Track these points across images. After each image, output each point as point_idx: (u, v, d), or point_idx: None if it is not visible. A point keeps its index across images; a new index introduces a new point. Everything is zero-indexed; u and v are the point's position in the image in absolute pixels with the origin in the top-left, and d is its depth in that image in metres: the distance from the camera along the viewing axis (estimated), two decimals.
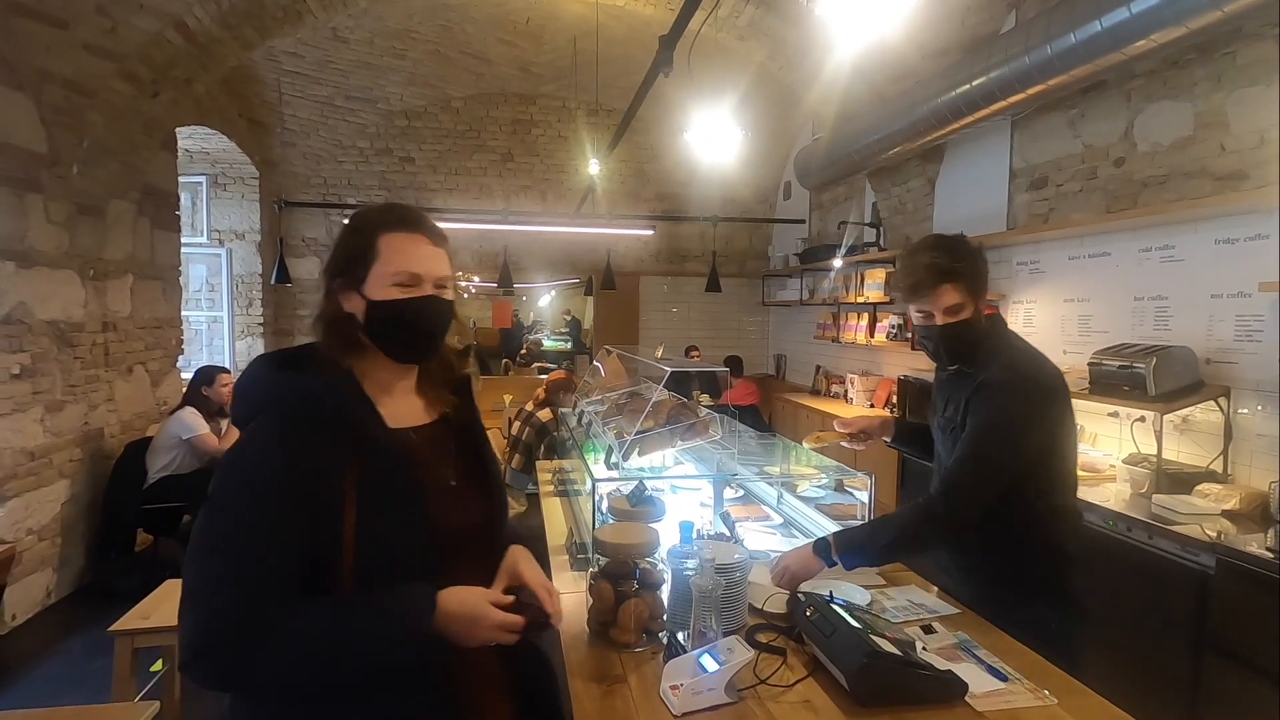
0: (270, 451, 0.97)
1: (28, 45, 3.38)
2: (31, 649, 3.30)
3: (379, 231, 1.08)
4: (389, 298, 1.06)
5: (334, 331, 1.08)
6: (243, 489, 0.95)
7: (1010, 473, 1.54)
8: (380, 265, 1.07)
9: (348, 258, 1.09)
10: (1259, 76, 2.82)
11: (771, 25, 4.69)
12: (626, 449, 2.24)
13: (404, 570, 1.00)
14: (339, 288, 1.08)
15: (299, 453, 0.97)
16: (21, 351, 3.52)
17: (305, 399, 1.01)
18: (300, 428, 0.98)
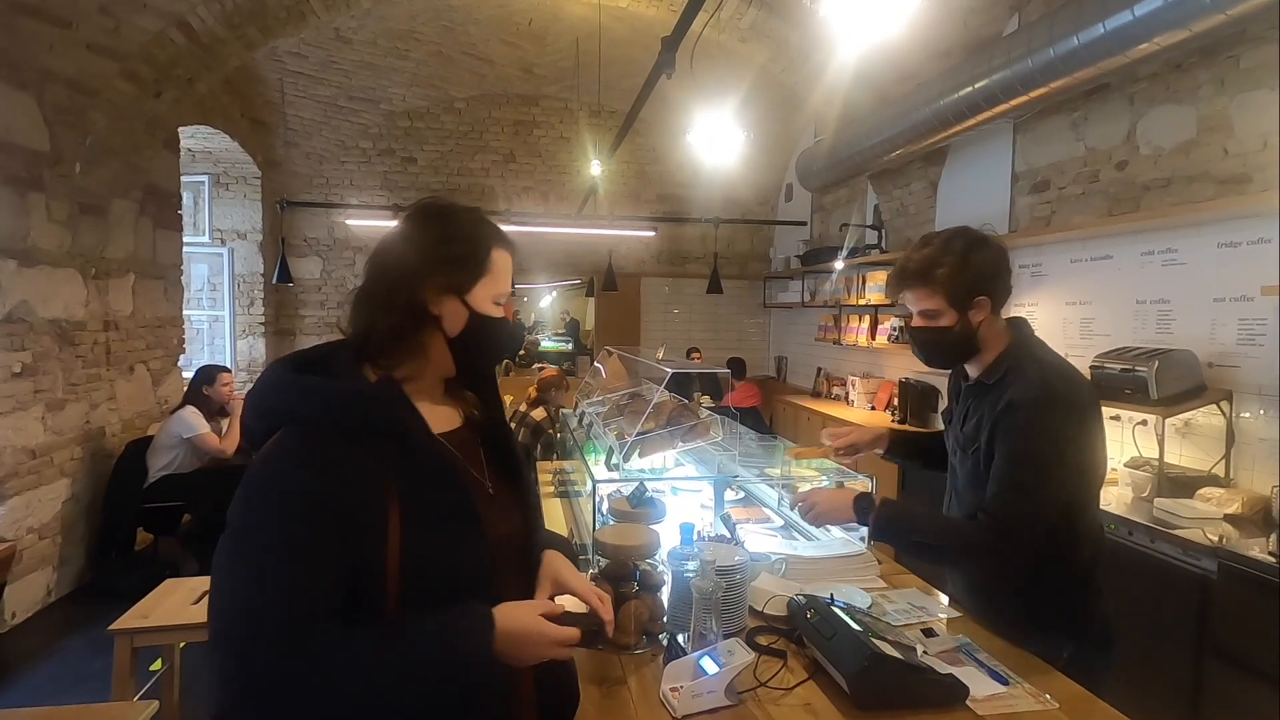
0: (304, 466, 0.87)
1: (31, 44, 3.38)
2: (31, 648, 3.30)
3: (492, 245, 1.03)
4: (490, 313, 1.02)
5: (405, 331, 0.98)
6: (275, 510, 0.85)
7: (1058, 500, 1.42)
8: (489, 279, 1.02)
9: (459, 260, 1.00)
10: (1262, 80, 2.82)
11: (774, 27, 4.69)
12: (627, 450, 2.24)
13: (455, 589, 0.91)
14: (436, 287, 0.99)
15: (336, 466, 0.87)
16: (23, 350, 3.52)
17: (343, 406, 0.91)
18: (336, 438, 0.88)
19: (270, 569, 0.82)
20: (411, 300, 0.97)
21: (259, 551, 0.83)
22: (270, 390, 0.94)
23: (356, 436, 0.89)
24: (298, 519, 0.84)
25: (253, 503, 0.86)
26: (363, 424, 0.91)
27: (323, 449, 0.87)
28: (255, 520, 0.85)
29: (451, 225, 1.02)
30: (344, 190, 7.45)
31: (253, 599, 0.81)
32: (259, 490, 0.87)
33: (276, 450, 0.89)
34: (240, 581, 0.82)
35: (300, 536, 0.84)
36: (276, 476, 0.87)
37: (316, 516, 0.84)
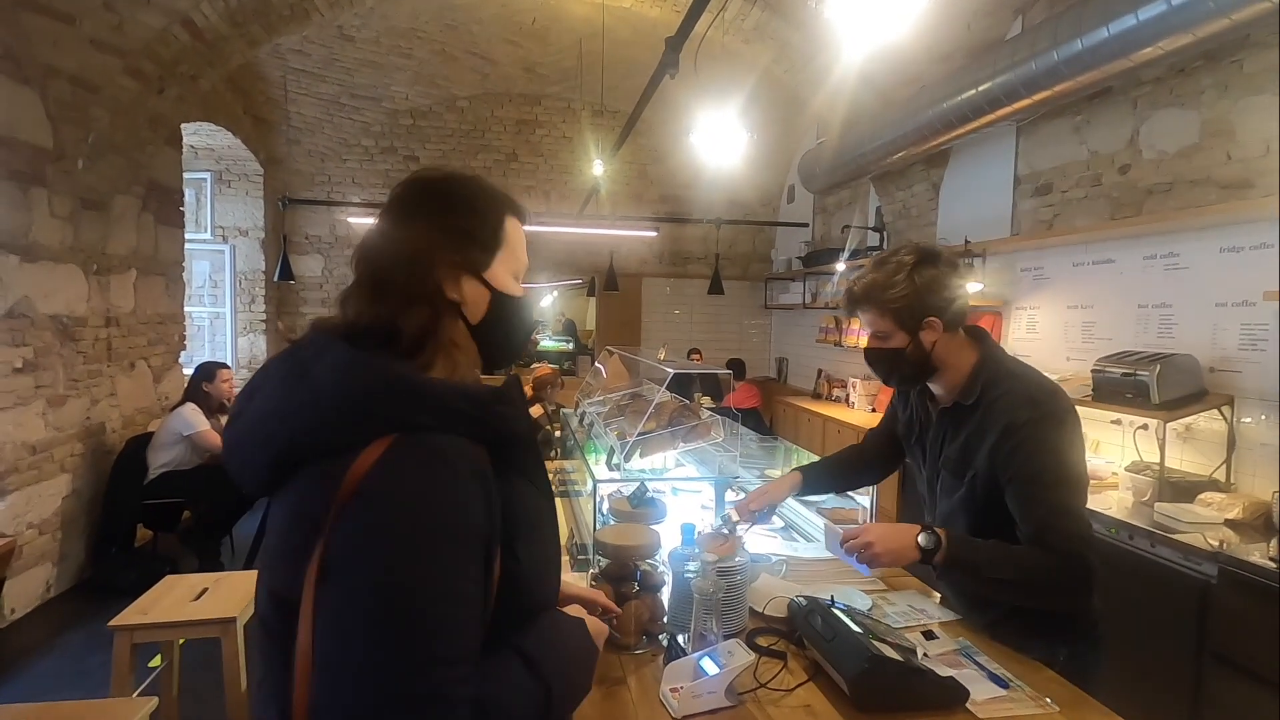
0: (462, 478, 0.73)
1: (35, 40, 3.38)
2: (31, 643, 3.31)
3: (505, 213, 0.91)
4: (512, 291, 0.90)
5: (433, 325, 0.82)
6: (432, 539, 0.69)
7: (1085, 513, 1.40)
8: (506, 253, 0.90)
9: (471, 234, 0.86)
10: (1266, 85, 2.82)
11: (777, 28, 4.70)
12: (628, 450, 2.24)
13: (541, 602, 0.86)
14: (449, 266, 0.84)
15: (483, 478, 0.75)
16: (24, 345, 3.52)
17: (477, 407, 0.77)
18: (470, 444, 0.76)
19: (440, 616, 0.68)
20: (428, 289, 0.82)
21: (420, 578, 0.68)
22: (368, 390, 0.73)
23: (475, 443, 0.77)
24: (456, 537, 0.71)
25: (398, 522, 0.69)
26: (492, 429, 0.79)
27: (465, 461, 0.74)
28: (408, 559, 0.68)
29: (457, 195, 0.89)
30: (346, 188, 7.45)
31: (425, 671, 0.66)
32: (403, 507, 0.69)
33: (409, 459, 0.71)
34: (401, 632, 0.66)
35: (461, 555, 0.71)
36: (423, 489, 0.70)
37: (471, 533, 0.73)
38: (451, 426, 0.74)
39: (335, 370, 0.74)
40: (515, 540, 0.79)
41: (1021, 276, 4.22)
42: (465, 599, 0.71)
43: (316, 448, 0.72)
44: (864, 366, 5.58)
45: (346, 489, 0.68)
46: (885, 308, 1.46)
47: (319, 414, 0.72)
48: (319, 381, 0.73)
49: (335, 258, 7.53)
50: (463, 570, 0.71)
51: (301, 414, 0.73)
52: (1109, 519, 2.74)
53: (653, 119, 7.17)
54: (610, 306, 8.11)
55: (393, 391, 0.73)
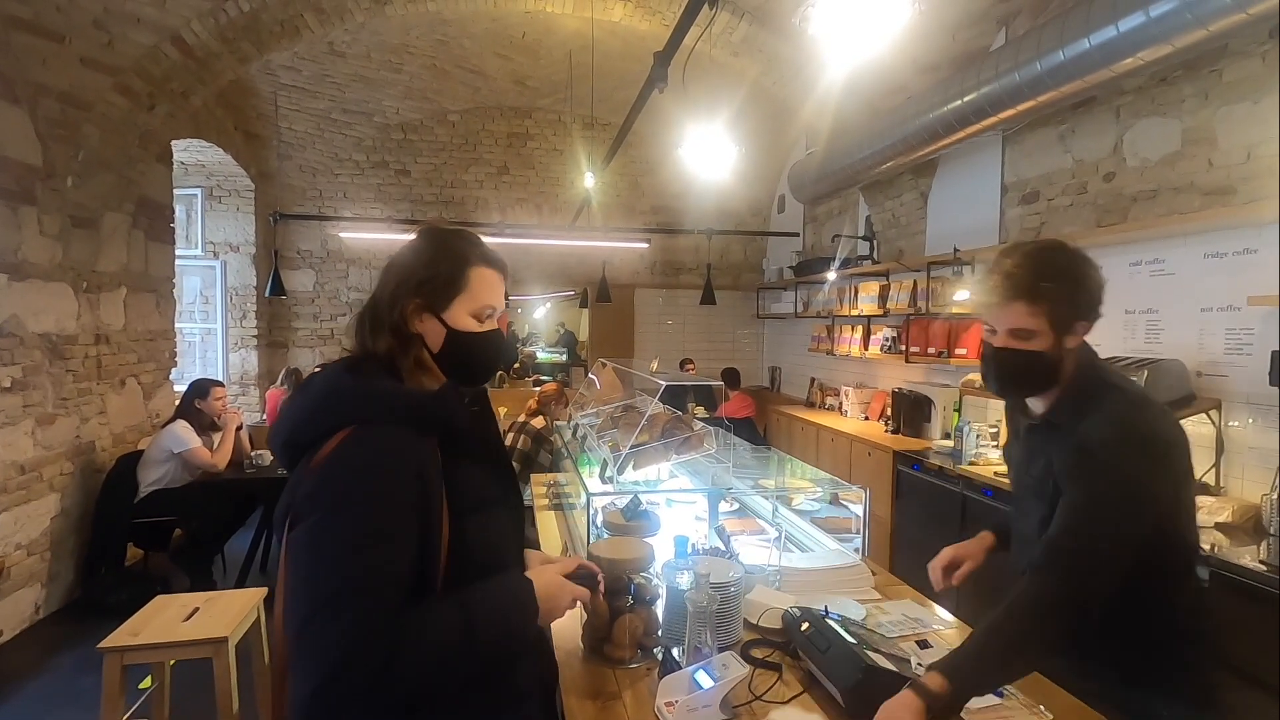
0: (387, 459, 0.97)
1: (24, 59, 3.38)
2: (20, 666, 3.26)
3: (470, 264, 1.11)
4: (468, 329, 1.11)
5: (404, 349, 1.09)
6: (364, 498, 0.94)
7: (1132, 552, 1.20)
8: (465, 297, 1.10)
9: (434, 282, 1.09)
10: (1246, 93, 2.86)
11: (765, 41, 4.74)
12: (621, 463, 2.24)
13: (490, 571, 1.05)
14: (415, 308, 1.09)
15: (411, 460, 0.98)
16: (13, 364, 3.50)
17: (416, 408, 1.02)
18: (407, 435, 0.99)
19: (364, 549, 0.91)
20: (393, 321, 1.08)
21: (353, 531, 0.91)
22: (334, 395, 1.02)
23: (420, 434, 1.01)
24: (387, 503, 0.94)
25: (341, 488, 0.94)
26: (431, 423, 1.02)
27: (401, 443, 0.98)
28: (346, 503, 0.93)
29: (433, 252, 1.11)
30: (337, 203, 7.45)
31: (346, 577, 0.89)
32: (348, 476, 0.95)
33: (357, 444, 0.97)
34: (335, 560, 0.90)
35: (389, 519, 0.94)
36: (366, 464, 0.96)
37: (401, 501, 0.95)
38: (396, 420, 0.99)
39: (319, 381, 1.05)
40: (463, 516, 1.02)
41: None
42: (389, 545, 0.92)
43: (306, 435, 1.01)
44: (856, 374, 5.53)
45: (314, 463, 0.97)
46: (1045, 302, 1.28)
47: (305, 412, 1.03)
48: (314, 389, 1.04)
49: (327, 272, 7.51)
50: (390, 525, 0.93)
51: (298, 412, 1.04)
52: None
53: (643, 131, 7.21)
54: (603, 318, 8.12)
55: (350, 395, 1.01)
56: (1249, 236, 2.84)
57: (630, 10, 4.76)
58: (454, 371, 1.12)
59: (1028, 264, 1.30)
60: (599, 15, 4.82)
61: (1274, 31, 2.67)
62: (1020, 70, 3.22)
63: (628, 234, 7.60)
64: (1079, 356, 1.35)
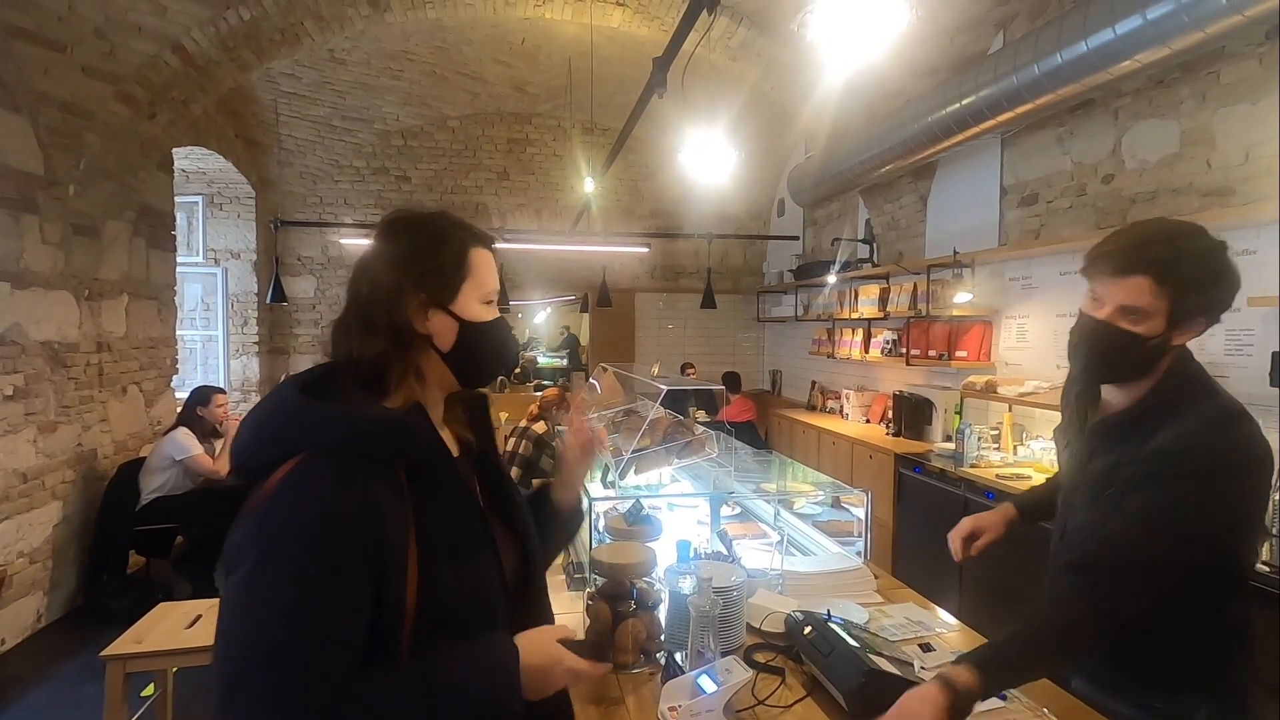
0: (333, 496, 0.80)
1: (26, 68, 3.40)
2: (22, 674, 3.26)
3: (467, 245, 0.98)
4: (480, 318, 0.97)
5: (402, 355, 0.93)
6: (303, 542, 0.78)
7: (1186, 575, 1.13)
8: (472, 283, 0.97)
9: (439, 272, 0.95)
10: (1243, 94, 2.87)
11: (763, 46, 4.76)
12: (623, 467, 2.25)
13: (471, 622, 0.89)
14: (420, 305, 0.94)
15: (365, 496, 0.81)
16: (15, 373, 3.51)
17: (372, 434, 0.85)
18: (362, 467, 0.83)
19: (297, 607, 0.76)
20: (393, 324, 0.92)
21: (284, 587, 0.76)
22: (284, 416, 0.86)
23: (380, 465, 0.85)
24: (327, 552, 0.78)
25: (274, 534, 0.79)
26: (391, 453, 0.86)
27: (350, 478, 0.81)
28: (278, 553, 0.77)
29: (421, 235, 0.97)
30: (338, 209, 7.47)
31: (277, 640, 0.75)
32: (282, 521, 0.79)
33: (298, 479, 0.81)
34: (261, 620, 0.75)
35: (330, 571, 0.78)
36: (302, 506, 0.80)
37: (346, 549, 0.79)
38: (349, 449, 0.84)
39: (267, 402, 0.90)
40: (435, 563, 0.86)
41: (1010, 286, 4.26)
42: (330, 602, 0.78)
43: (251, 462, 0.85)
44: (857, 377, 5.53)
45: (252, 503, 0.81)
46: (1171, 286, 1.14)
47: (249, 436, 0.87)
48: (260, 408, 0.89)
49: (328, 279, 7.53)
50: (332, 578, 0.78)
51: (244, 435, 0.88)
52: None
53: (643, 135, 7.23)
54: (604, 322, 8.12)
55: (296, 417, 0.85)
56: (1248, 237, 2.85)
57: (629, 16, 4.77)
58: (470, 370, 0.99)
59: (1168, 242, 1.16)
60: (598, 21, 4.84)
61: (1271, 33, 2.68)
62: (1018, 73, 3.23)
63: (628, 238, 7.61)
64: (1178, 353, 1.24)
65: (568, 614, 1.70)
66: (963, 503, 3.60)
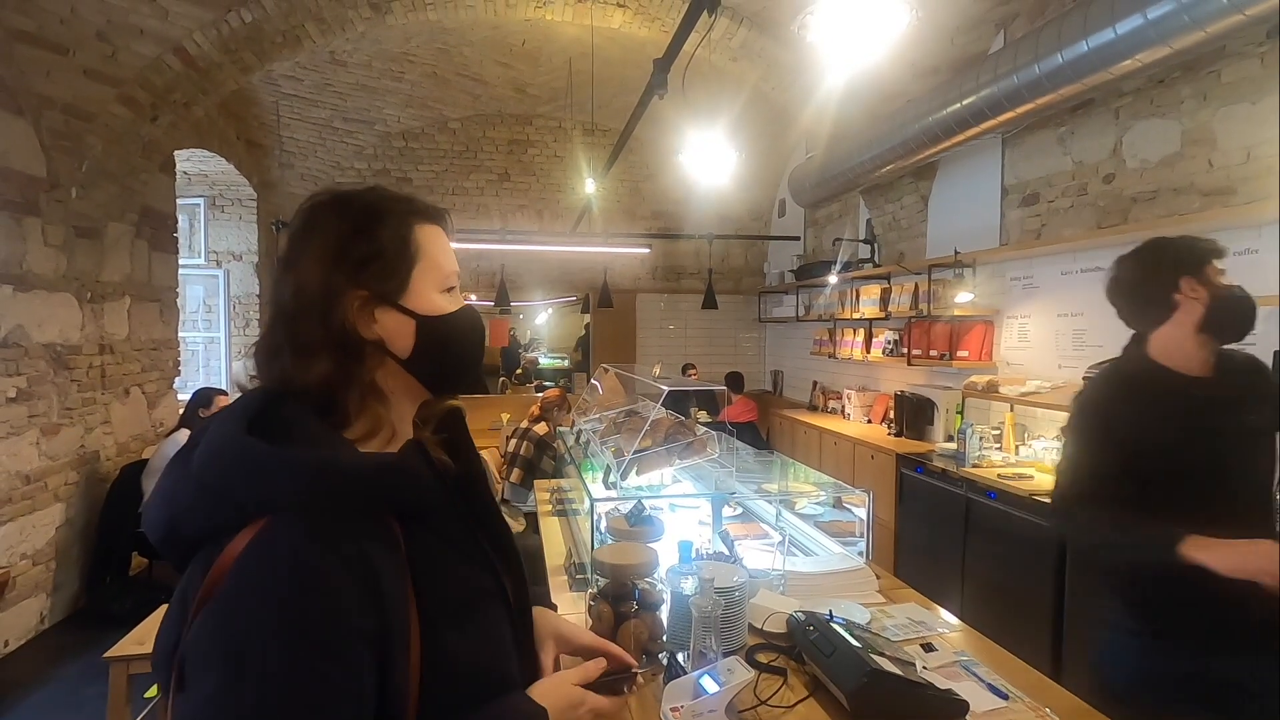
0: (317, 569, 0.63)
1: (28, 70, 3.41)
2: (25, 675, 3.27)
3: (414, 221, 0.79)
4: (440, 310, 0.79)
5: (351, 373, 0.73)
6: (287, 637, 0.60)
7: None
8: (425, 266, 0.78)
9: (379, 259, 0.75)
10: (1244, 94, 2.87)
11: (764, 47, 4.76)
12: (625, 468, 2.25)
13: (484, 695, 0.73)
14: (361, 305, 0.74)
15: (356, 561, 0.65)
16: (18, 375, 3.52)
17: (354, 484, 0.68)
18: (349, 525, 0.66)
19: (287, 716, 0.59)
20: (331, 335, 0.72)
21: (274, 705, 0.59)
22: (235, 469, 0.66)
23: (370, 518, 0.68)
24: (323, 643, 0.61)
25: (249, 632, 0.60)
26: (384, 503, 0.70)
27: (335, 540, 0.65)
28: (258, 657, 0.59)
29: (350, 216, 0.76)
30: None
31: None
32: (257, 610, 0.61)
33: (269, 551, 0.63)
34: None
35: (329, 667, 0.61)
36: (283, 587, 0.62)
37: (345, 635, 0.63)
38: (329, 507, 0.66)
39: (206, 449, 0.68)
40: (441, 624, 0.70)
41: (1012, 285, 4.25)
42: (331, 712, 0.61)
43: (191, 528, 0.67)
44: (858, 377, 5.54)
45: (208, 584, 0.63)
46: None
47: (190, 496, 0.68)
48: (197, 457, 0.68)
49: None
50: (330, 683, 0.61)
51: (179, 495, 0.69)
52: None
53: (644, 136, 7.24)
54: (605, 323, 8.13)
55: (256, 471, 0.66)
56: (1249, 237, 2.84)
57: (629, 17, 4.78)
58: (440, 375, 0.80)
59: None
60: (598, 22, 4.85)
61: (1272, 32, 2.67)
62: (1019, 73, 3.23)
63: (629, 239, 7.62)
64: None
65: (570, 614, 1.70)
66: (964, 503, 3.60)
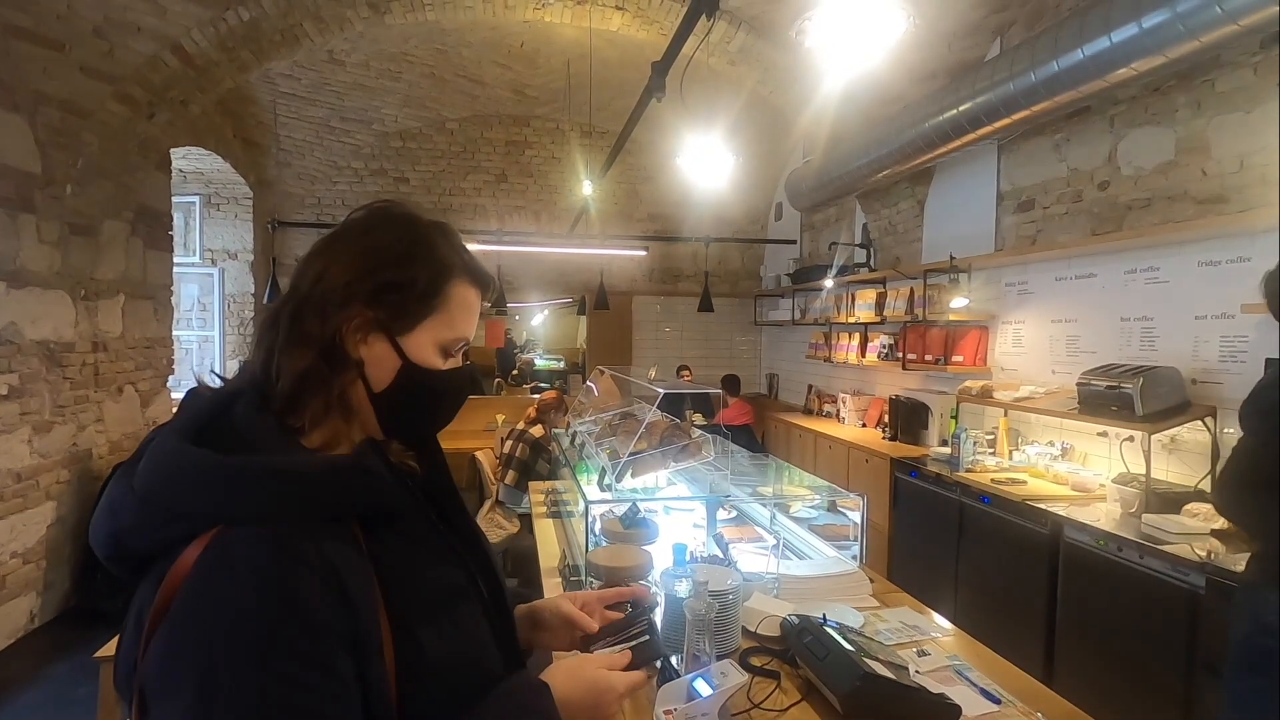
0: (282, 573, 0.61)
1: (25, 67, 3.40)
2: (14, 675, 3.24)
3: (455, 276, 0.78)
4: (430, 364, 0.77)
5: (329, 378, 0.72)
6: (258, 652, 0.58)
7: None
8: (437, 322, 0.77)
9: (402, 292, 0.75)
10: (1238, 103, 2.89)
11: (762, 50, 4.77)
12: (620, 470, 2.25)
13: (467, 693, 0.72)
14: (361, 324, 0.74)
15: (319, 565, 0.63)
16: (10, 372, 3.50)
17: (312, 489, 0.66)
18: (308, 529, 0.64)
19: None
20: (325, 333, 0.72)
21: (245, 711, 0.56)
22: (184, 481, 0.64)
23: (329, 523, 0.66)
24: (292, 664, 0.59)
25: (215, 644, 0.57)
26: (344, 507, 0.68)
27: (296, 545, 0.62)
28: (221, 685, 0.56)
29: (401, 239, 0.77)
30: (336, 210, 7.46)
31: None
32: (216, 636, 0.57)
33: (225, 560, 0.60)
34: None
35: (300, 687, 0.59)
36: (248, 594, 0.59)
37: (320, 638, 0.61)
38: (283, 513, 0.64)
39: (149, 462, 0.66)
40: (414, 623, 0.69)
41: (1006, 291, 4.27)
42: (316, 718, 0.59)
43: (138, 544, 0.65)
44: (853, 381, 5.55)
45: (161, 600, 0.60)
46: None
47: (136, 508, 0.65)
48: (141, 470, 0.66)
49: None
50: (298, 689, 0.58)
51: (123, 510, 0.66)
52: (1097, 531, 2.76)
53: (641, 139, 7.24)
54: (601, 325, 8.13)
55: (202, 481, 0.64)
56: (1243, 245, 2.86)
57: (628, 20, 4.79)
58: (398, 421, 0.78)
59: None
60: (597, 25, 4.85)
61: (1266, 42, 2.70)
62: (1015, 80, 3.25)
63: (626, 241, 7.62)
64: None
65: None
66: (958, 507, 3.61)
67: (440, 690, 0.69)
